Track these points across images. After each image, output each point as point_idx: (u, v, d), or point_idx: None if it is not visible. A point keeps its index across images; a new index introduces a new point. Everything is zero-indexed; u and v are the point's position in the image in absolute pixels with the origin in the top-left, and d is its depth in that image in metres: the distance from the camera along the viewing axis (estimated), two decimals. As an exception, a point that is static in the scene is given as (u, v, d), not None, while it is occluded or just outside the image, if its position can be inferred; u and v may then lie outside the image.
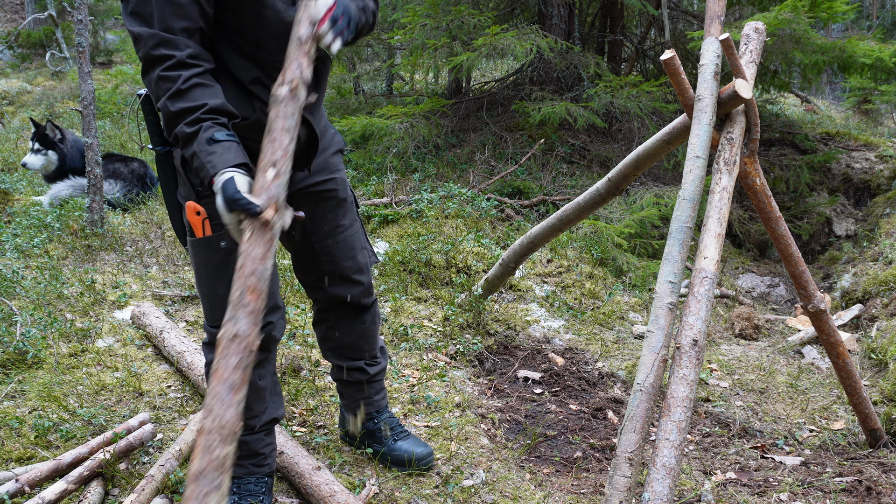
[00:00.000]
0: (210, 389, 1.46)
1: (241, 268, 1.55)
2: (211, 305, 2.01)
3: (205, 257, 1.96)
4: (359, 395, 2.47)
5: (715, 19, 2.43)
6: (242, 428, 2.07)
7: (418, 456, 2.45)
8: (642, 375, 2.01)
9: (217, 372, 1.47)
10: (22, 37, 12.47)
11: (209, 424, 1.42)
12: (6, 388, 2.78)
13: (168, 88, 1.73)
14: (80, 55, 4.31)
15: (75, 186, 5.02)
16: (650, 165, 2.78)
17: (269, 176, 1.63)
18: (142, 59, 1.76)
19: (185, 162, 1.89)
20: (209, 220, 1.87)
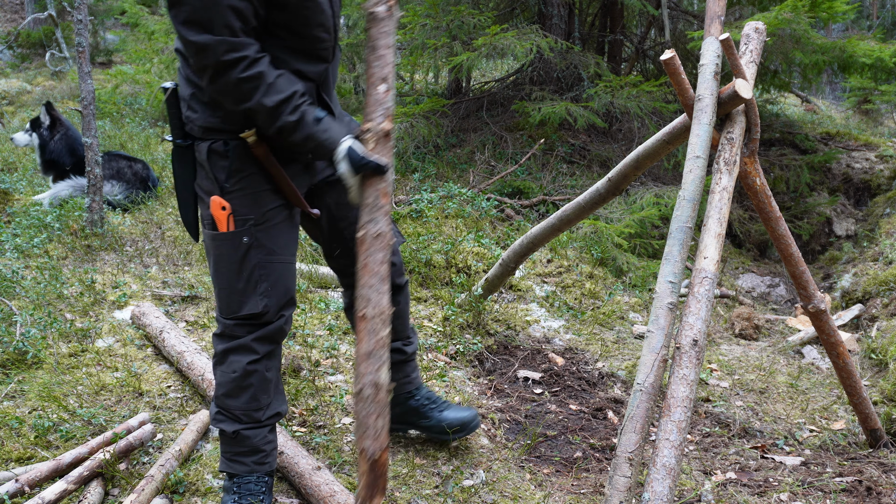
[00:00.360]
0: (363, 283, 1.77)
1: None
2: (228, 298, 2.02)
3: (226, 251, 1.98)
4: (399, 376, 2.50)
5: (715, 19, 2.43)
6: (248, 420, 2.10)
7: (466, 419, 2.51)
8: (642, 375, 2.01)
9: (367, 267, 1.77)
10: (22, 37, 12.47)
11: (371, 312, 1.76)
12: (6, 388, 2.77)
13: (256, 87, 1.79)
14: (80, 55, 4.31)
15: (75, 186, 5.02)
16: (650, 165, 2.78)
17: (382, 90, 1.84)
18: (211, 67, 1.78)
19: (212, 155, 1.92)
20: (233, 216, 1.93)
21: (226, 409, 2.11)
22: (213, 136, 1.94)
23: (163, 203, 5.11)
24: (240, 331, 2.04)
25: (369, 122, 1.89)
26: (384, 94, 1.86)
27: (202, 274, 3.98)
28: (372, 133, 1.87)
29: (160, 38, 7.63)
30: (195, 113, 1.95)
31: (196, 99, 1.95)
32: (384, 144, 1.86)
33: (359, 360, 1.74)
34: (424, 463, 2.56)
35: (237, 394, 2.07)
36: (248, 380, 2.06)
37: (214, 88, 1.83)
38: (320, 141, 1.87)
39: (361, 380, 1.73)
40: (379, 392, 1.72)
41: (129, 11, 8.49)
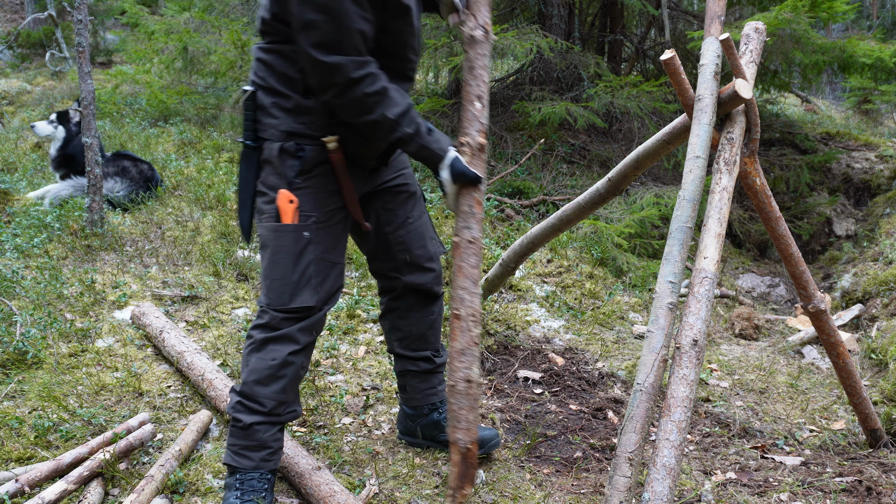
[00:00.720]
0: (457, 285, 1.93)
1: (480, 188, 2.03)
2: (280, 290, 2.09)
3: (287, 243, 2.07)
4: (424, 386, 2.54)
5: (715, 19, 2.43)
6: (268, 412, 2.14)
7: (486, 438, 2.53)
8: (642, 375, 2.01)
9: (461, 269, 1.94)
10: (22, 37, 12.47)
11: (465, 312, 1.90)
12: (6, 388, 2.77)
13: (379, 101, 1.96)
14: (80, 55, 4.31)
15: (75, 186, 5.02)
16: (650, 165, 2.78)
17: (478, 107, 2.01)
18: (339, 84, 1.92)
19: (283, 154, 2.03)
20: (299, 211, 2.04)
21: (251, 396, 2.12)
22: (293, 139, 2.04)
23: (163, 203, 5.11)
24: (285, 323, 2.10)
25: (466, 136, 2.05)
26: (479, 110, 2.03)
27: (202, 274, 3.98)
28: (468, 146, 2.03)
29: (160, 38, 7.62)
30: (275, 119, 2.05)
31: (278, 106, 2.05)
32: (479, 157, 2.03)
33: (452, 357, 1.88)
34: (424, 463, 2.56)
35: (269, 382, 2.11)
36: (285, 370, 2.11)
37: (340, 103, 1.96)
38: (432, 150, 2.03)
39: (455, 375, 1.86)
40: (471, 386, 1.85)
41: (129, 11, 8.48)
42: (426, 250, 2.41)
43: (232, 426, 2.17)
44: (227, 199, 5.02)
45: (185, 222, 4.73)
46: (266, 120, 2.06)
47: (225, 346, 3.26)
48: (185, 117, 7.55)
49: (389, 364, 3.24)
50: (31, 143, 6.91)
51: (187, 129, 7.07)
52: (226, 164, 5.91)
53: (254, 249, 4.33)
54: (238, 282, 3.95)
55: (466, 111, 2.04)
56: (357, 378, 3.12)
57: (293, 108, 2.05)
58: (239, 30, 7.00)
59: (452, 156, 2.04)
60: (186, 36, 7.21)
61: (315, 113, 2.04)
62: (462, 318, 1.90)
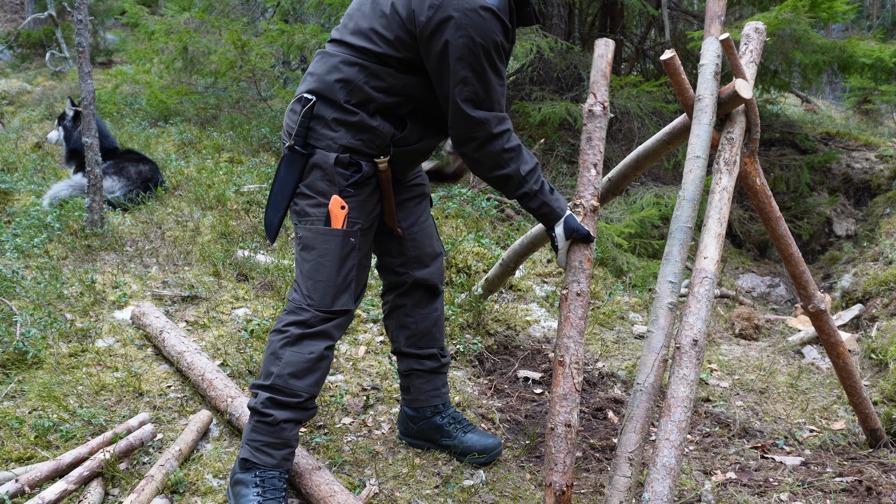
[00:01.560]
0: (564, 334, 2.07)
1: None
2: (324, 291, 2.15)
3: (334, 247, 2.14)
4: (428, 387, 2.57)
5: (715, 19, 2.43)
6: (300, 407, 2.18)
7: (490, 446, 2.56)
8: (642, 375, 2.01)
9: (568, 320, 2.09)
10: (22, 37, 12.47)
11: (569, 359, 2.04)
12: (6, 388, 2.77)
13: (513, 157, 2.10)
14: (80, 55, 4.31)
15: (75, 186, 5.02)
16: (650, 165, 2.78)
17: (592, 173, 2.22)
18: (482, 138, 2.07)
19: (338, 164, 2.10)
20: (349, 217, 2.12)
21: (285, 389, 2.14)
22: (349, 153, 2.11)
23: (163, 203, 5.11)
24: (324, 322, 2.17)
25: (580, 199, 2.22)
26: (594, 177, 2.22)
27: (202, 274, 3.98)
28: (582, 207, 2.21)
29: (160, 38, 7.62)
30: (335, 132, 2.11)
31: (340, 122, 2.11)
32: (591, 218, 2.20)
33: (553, 401, 2.01)
34: (424, 463, 2.56)
35: (305, 375, 2.15)
36: (321, 364, 2.18)
37: (476, 156, 2.10)
38: (552, 208, 2.18)
39: (555, 419, 1.98)
40: (570, 431, 1.96)
41: (129, 11, 8.48)
42: (433, 248, 2.51)
43: (257, 422, 2.17)
44: (227, 199, 5.02)
45: (185, 222, 4.73)
46: (322, 130, 2.11)
47: (225, 346, 3.26)
48: (185, 117, 7.55)
49: (390, 364, 3.25)
50: (31, 143, 6.92)
51: (187, 129, 7.08)
52: (225, 164, 5.91)
53: (254, 250, 4.33)
54: (238, 282, 3.95)
55: (582, 176, 2.24)
56: (357, 378, 3.12)
57: (356, 124, 2.10)
58: (239, 30, 7.00)
59: (568, 214, 2.19)
60: (186, 36, 7.21)
61: (376, 133, 2.12)
62: (566, 364, 2.03)
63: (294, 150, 2.13)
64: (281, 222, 2.20)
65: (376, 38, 2.07)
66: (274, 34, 6.47)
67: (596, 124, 2.26)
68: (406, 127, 2.17)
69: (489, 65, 1.99)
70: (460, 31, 1.94)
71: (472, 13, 1.94)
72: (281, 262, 4.04)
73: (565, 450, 1.95)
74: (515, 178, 2.12)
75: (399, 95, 2.12)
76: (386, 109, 2.13)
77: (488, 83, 2.02)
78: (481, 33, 1.95)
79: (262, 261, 4.10)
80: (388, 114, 2.14)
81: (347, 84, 2.09)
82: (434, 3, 1.96)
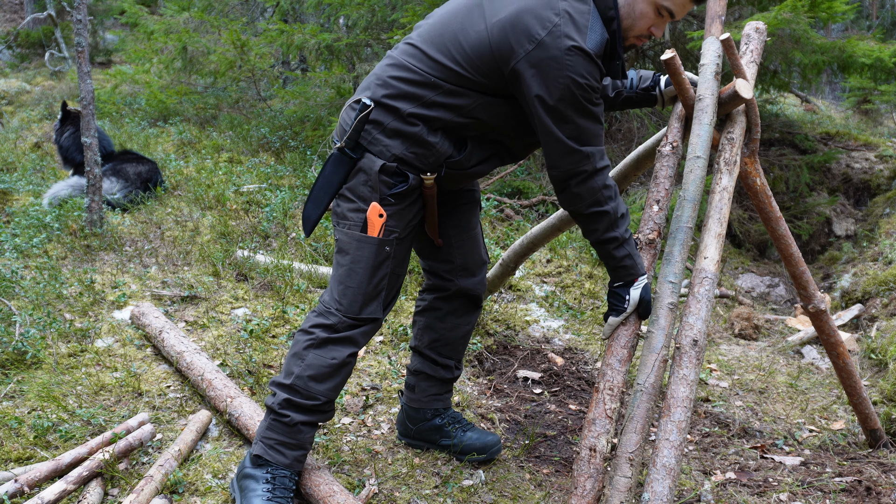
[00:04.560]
0: (605, 360, 2.11)
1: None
2: (354, 297, 2.14)
3: (368, 254, 2.12)
4: (434, 390, 2.58)
5: (716, 19, 2.42)
6: (316, 411, 2.18)
7: (489, 444, 2.57)
8: (642, 375, 2.01)
9: (611, 348, 2.12)
10: (21, 36, 12.46)
11: (603, 386, 2.05)
12: (5, 389, 2.77)
13: (611, 196, 2.11)
14: (80, 55, 4.31)
15: (74, 186, 5.02)
16: (650, 165, 2.78)
17: (655, 209, 2.28)
18: (585, 172, 2.07)
19: (383, 172, 2.08)
20: (386, 226, 2.11)
21: (304, 391, 2.13)
22: (398, 163, 2.09)
23: (162, 203, 5.10)
24: (351, 329, 2.16)
25: (639, 233, 2.27)
26: (656, 213, 2.28)
27: (202, 274, 3.98)
28: (639, 241, 2.25)
29: (159, 38, 7.61)
30: (390, 140, 2.08)
31: (397, 132, 2.08)
32: (647, 250, 2.24)
33: (585, 424, 2.04)
34: (424, 463, 2.56)
35: (325, 379, 2.14)
36: (343, 370, 2.17)
37: (579, 189, 2.08)
38: (634, 263, 2.14)
39: (582, 442, 2.00)
40: (594, 456, 1.97)
41: (129, 11, 8.48)
42: (480, 257, 2.50)
43: (273, 420, 2.16)
44: (227, 199, 5.02)
45: (185, 222, 4.73)
46: (378, 136, 2.08)
47: (224, 346, 3.26)
48: (184, 117, 7.54)
49: (389, 364, 3.24)
50: (30, 143, 6.91)
51: (187, 129, 7.07)
52: (225, 164, 5.91)
53: (253, 250, 4.33)
54: (237, 282, 3.95)
55: (645, 212, 2.30)
56: (357, 378, 3.11)
57: (413, 136, 2.07)
58: (238, 30, 7.00)
59: (645, 281, 2.16)
60: (186, 36, 7.21)
61: (432, 150, 2.09)
62: (599, 390, 2.04)
63: (343, 153, 2.11)
64: (319, 219, 2.18)
65: (460, 58, 2.03)
66: (273, 34, 6.47)
67: (664, 163, 2.32)
68: (466, 149, 2.14)
69: (588, 103, 2.00)
70: (562, 71, 1.94)
71: (573, 54, 1.94)
72: (280, 262, 4.03)
73: (587, 474, 1.95)
74: (609, 218, 2.10)
75: (469, 118, 2.09)
76: (450, 128, 2.10)
77: (591, 122, 2.03)
78: (580, 74, 1.95)
79: (262, 261, 4.10)
80: (452, 133, 2.11)
81: (415, 98, 2.06)
82: (535, 39, 1.94)
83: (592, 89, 1.99)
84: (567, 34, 1.93)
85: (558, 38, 1.93)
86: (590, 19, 1.99)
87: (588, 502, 1.93)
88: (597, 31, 1.99)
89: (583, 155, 2.04)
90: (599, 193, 2.08)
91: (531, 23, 1.94)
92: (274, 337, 3.39)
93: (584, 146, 2.03)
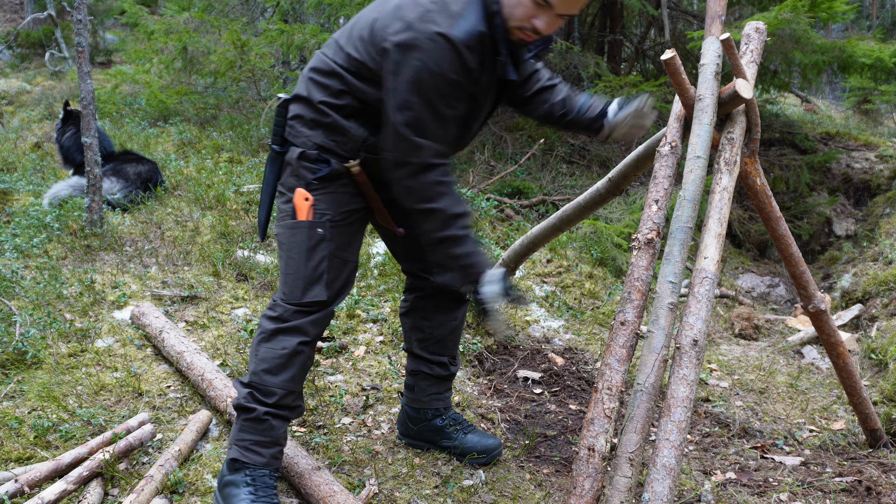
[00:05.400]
0: (605, 361, 2.06)
1: (630, 273, 2.15)
2: (293, 284, 2.14)
3: (300, 239, 2.12)
4: (433, 390, 2.57)
5: (716, 19, 2.42)
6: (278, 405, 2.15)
7: (490, 446, 2.56)
8: (642, 375, 2.01)
9: (610, 348, 2.06)
10: (21, 36, 12.46)
11: (602, 385, 2.02)
12: (6, 389, 2.77)
13: (444, 192, 2.02)
14: (80, 55, 4.31)
15: (75, 186, 5.02)
16: (650, 165, 2.78)
17: (654, 209, 2.25)
18: (417, 164, 2.00)
19: (302, 158, 2.10)
20: (314, 208, 2.10)
21: (260, 385, 2.13)
22: (318, 150, 2.10)
23: (162, 203, 5.10)
24: (297, 316, 2.14)
25: (638, 233, 2.23)
26: (654, 212, 2.26)
27: (202, 274, 3.98)
28: (638, 241, 2.21)
29: (160, 38, 7.62)
30: (312, 131, 2.11)
31: (315, 122, 2.11)
32: (647, 250, 2.20)
33: (584, 424, 2.02)
34: (424, 463, 2.56)
35: (279, 371, 2.13)
36: (295, 359, 2.14)
37: (408, 183, 2.02)
38: (475, 261, 2.06)
39: (581, 442, 1.98)
40: (593, 456, 1.95)
41: (129, 11, 8.48)
42: None
43: (243, 420, 2.16)
44: (227, 199, 5.02)
45: (185, 222, 4.73)
46: (300, 128, 2.12)
47: (225, 346, 3.26)
48: (184, 117, 7.54)
49: (389, 364, 3.24)
50: (31, 143, 6.91)
51: (187, 129, 7.07)
52: (225, 164, 5.91)
53: (254, 250, 4.33)
54: (238, 282, 3.95)
55: (644, 212, 2.28)
56: (357, 378, 3.11)
57: (330, 125, 2.10)
58: (238, 30, 7.00)
59: (498, 272, 2.06)
60: (186, 36, 7.21)
61: (348, 136, 2.10)
62: (598, 390, 2.03)
63: (273, 150, 2.16)
64: (267, 220, 2.22)
65: (360, 47, 2.05)
66: (273, 34, 6.47)
67: (662, 163, 2.32)
68: (380, 133, 2.12)
69: (437, 96, 1.94)
70: (418, 55, 1.89)
71: (432, 40, 1.89)
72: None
73: (585, 473, 1.94)
74: (441, 215, 2.02)
75: (372, 105, 2.09)
76: (361, 114, 2.10)
77: (434, 114, 1.96)
78: (435, 62, 1.90)
79: (262, 261, 4.10)
80: (364, 118, 2.11)
81: (325, 87, 2.10)
82: (405, 20, 1.93)
83: (448, 82, 1.93)
84: (434, 20, 1.90)
85: (425, 22, 1.90)
86: (466, 9, 1.93)
87: (587, 502, 1.93)
88: (470, 20, 1.92)
89: (414, 145, 1.97)
90: (430, 190, 2.01)
91: (408, 7, 1.95)
92: (274, 337, 3.39)
93: (418, 137, 1.96)
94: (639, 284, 2.14)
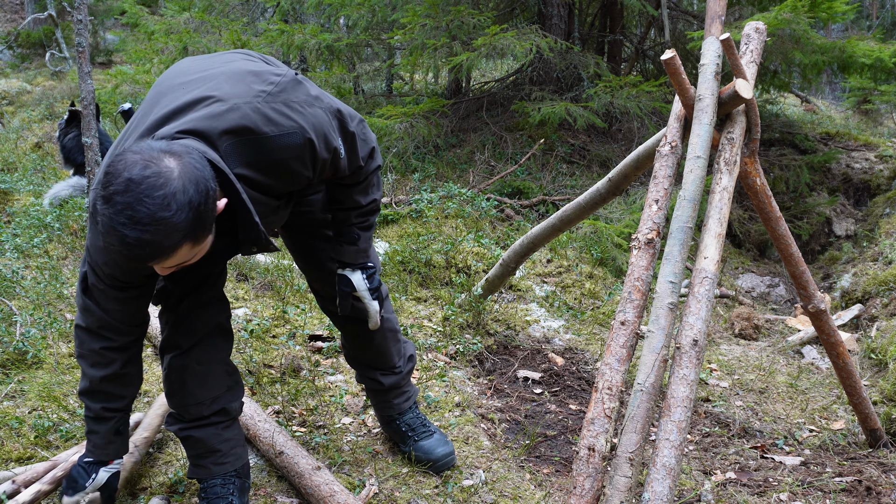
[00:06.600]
0: (604, 360, 2.06)
1: (630, 273, 2.14)
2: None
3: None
4: (376, 400, 2.54)
5: (716, 19, 2.43)
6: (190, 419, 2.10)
7: (438, 455, 2.48)
8: (642, 375, 2.01)
9: (610, 347, 2.08)
10: (22, 37, 12.47)
11: (602, 384, 2.01)
12: (6, 388, 2.77)
13: (379, 187, 2.13)
14: (80, 55, 4.31)
15: (75, 186, 5.02)
16: (650, 165, 2.78)
17: (654, 209, 2.26)
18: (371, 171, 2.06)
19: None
20: None
21: (171, 409, 2.13)
22: None
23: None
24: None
25: (638, 233, 2.23)
26: (655, 212, 2.26)
27: (202, 274, 3.98)
28: (638, 241, 2.21)
29: (160, 38, 7.62)
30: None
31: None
32: (647, 250, 2.20)
33: (584, 424, 2.02)
34: (424, 463, 2.56)
35: (169, 390, 2.11)
36: (177, 375, 2.09)
37: (371, 175, 2.08)
38: (369, 254, 2.23)
39: (581, 441, 1.98)
40: (593, 455, 1.95)
41: (129, 11, 8.48)
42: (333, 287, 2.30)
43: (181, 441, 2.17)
44: (227, 199, 5.01)
45: (185, 222, 4.72)
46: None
47: (225, 346, 3.26)
48: (184, 117, 7.53)
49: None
50: (31, 143, 6.92)
51: (187, 129, 7.06)
52: (225, 164, 5.91)
53: (254, 249, 4.33)
54: (237, 282, 3.95)
55: (644, 212, 2.29)
56: (357, 378, 3.11)
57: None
58: (239, 30, 7.00)
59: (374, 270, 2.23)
60: (186, 36, 7.21)
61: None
62: (598, 390, 2.04)
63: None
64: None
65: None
66: (274, 34, 6.47)
67: (663, 163, 2.33)
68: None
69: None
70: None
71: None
72: (281, 262, 4.04)
73: (585, 473, 1.94)
74: (373, 204, 2.13)
75: None
76: None
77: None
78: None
79: (262, 261, 4.10)
80: None
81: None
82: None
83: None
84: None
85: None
86: None
87: (587, 502, 1.93)
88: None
89: (371, 149, 2.04)
90: (377, 185, 2.12)
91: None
92: (274, 337, 3.40)
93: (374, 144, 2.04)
94: (639, 284, 2.14)
